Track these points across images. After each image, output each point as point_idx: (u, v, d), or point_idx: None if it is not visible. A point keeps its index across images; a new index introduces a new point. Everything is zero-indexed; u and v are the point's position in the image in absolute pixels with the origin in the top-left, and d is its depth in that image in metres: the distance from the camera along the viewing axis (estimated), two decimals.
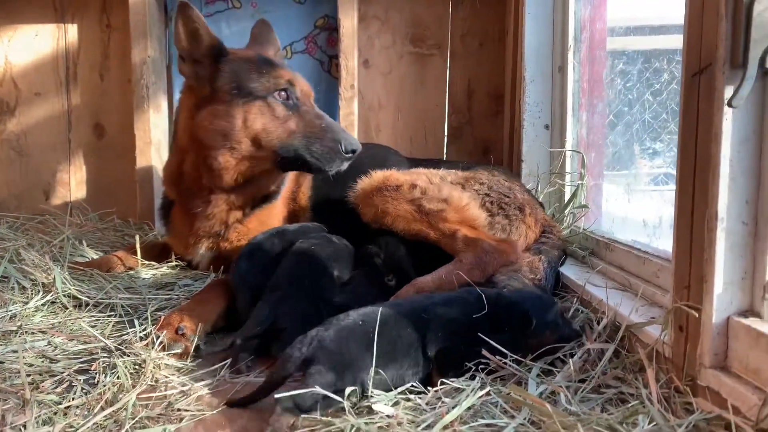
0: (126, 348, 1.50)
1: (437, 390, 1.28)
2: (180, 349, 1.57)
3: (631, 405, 1.07)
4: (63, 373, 1.38)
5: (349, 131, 3.12)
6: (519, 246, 1.92)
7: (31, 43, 3.43)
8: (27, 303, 1.82)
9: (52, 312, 1.82)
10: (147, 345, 1.53)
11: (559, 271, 1.99)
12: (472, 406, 1.19)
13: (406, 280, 1.81)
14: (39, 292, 1.90)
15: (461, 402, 1.15)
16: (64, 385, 1.33)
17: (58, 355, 1.49)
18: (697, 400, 1.04)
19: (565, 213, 2.44)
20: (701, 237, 1.07)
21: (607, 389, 1.25)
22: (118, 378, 1.35)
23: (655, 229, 1.80)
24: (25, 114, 3.46)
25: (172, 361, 1.51)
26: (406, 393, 1.27)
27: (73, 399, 1.26)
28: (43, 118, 3.46)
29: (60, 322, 1.72)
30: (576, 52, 2.57)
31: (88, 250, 2.57)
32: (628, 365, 1.31)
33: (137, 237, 2.49)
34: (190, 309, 1.70)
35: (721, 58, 1.01)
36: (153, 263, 2.43)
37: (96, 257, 2.48)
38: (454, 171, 2.24)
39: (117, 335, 1.64)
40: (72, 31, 3.43)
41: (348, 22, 3.10)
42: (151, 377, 1.38)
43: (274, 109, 2.12)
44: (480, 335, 1.32)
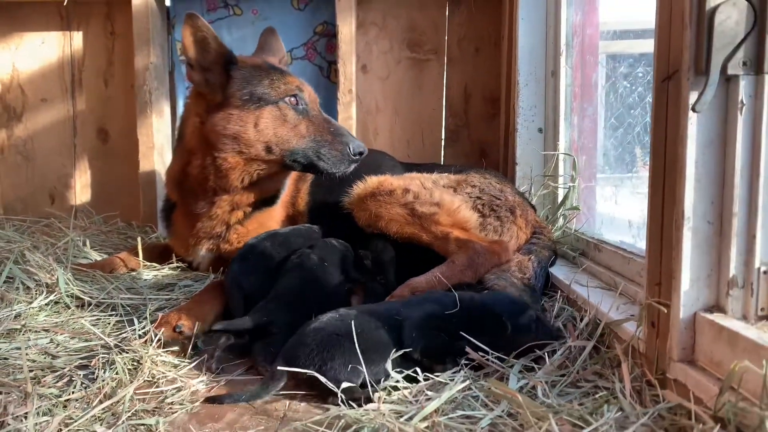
0: (125, 345, 1.56)
1: (422, 384, 1.33)
2: (177, 347, 1.62)
3: (598, 395, 1.11)
4: (64, 368, 1.44)
5: None
6: (510, 247, 1.97)
7: (38, 51, 3.51)
8: (31, 303, 1.88)
9: (55, 311, 1.88)
10: (145, 342, 1.59)
11: (549, 271, 2.04)
12: (454, 399, 1.24)
13: (388, 284, 1.87)
14: (43, 292, 1.96)
15: (442, 395, 1.20)
16: (65, 380, 1.39)
17: (59, 351, 1.55)
18: (665, 392, 1.09)
19: (557, 215, 2.49)
20: (671, 236, 1.12)
21: (586, 383, 1.29)
22: (117, 373, 1.40)
23: (639, 230, 1.85)
24: (31, 119, 3.54)
25: (169, 358, 1.57)
26: (388, 388, 1.32)
27: (73, 393, 1.32)
28: (49, 123, 3.54)
29: (63, 321, 1.78)
30: (568, 57, 2.62)
31: (91, 252, 2.63)
32: (607, 361, 1.35)
33: (139, 239, 2.55)
34: (189, 308, 1.76)
35: (686, 64, 1.06)
36: (154, 264, 2.50)
37: (99, 259, 2.55)
38: (446, 174, 2.30)
39: (117, 333, 1.70)
40: (77, 38, 3.51)
41: (346, 29, 3.16)
42: (148, 373, 1.44)
43: (285, 114, 2.21)
44: (460, 333, 1.37)
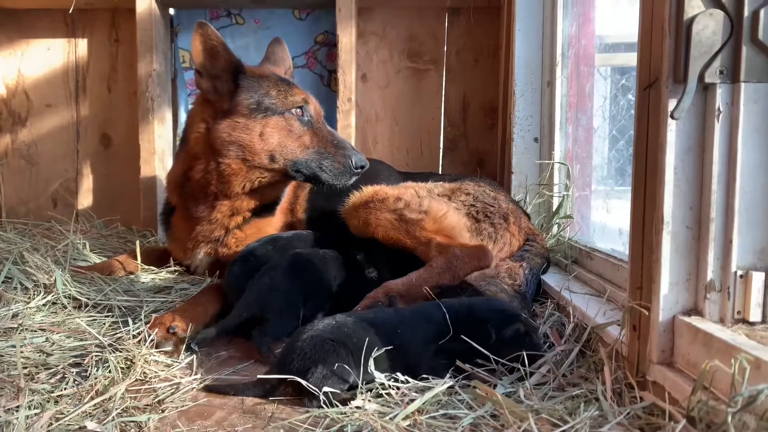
0: (118, 345, 1.59)
1: (409, 386, 1.35)
2: (171, 348, 1.65)
3: (575, 394, 1.13)
4: (57, 366, 1.47)
5: None
6: (492, 251, 1.99)
7: (43, 57, 3.57)
8: (29, 303, 1.91)
9: (52, 312, 1.91)
10: (139, 342, 1.61)
11: (541, 278, 2.06)
12: (440, 401, 1.26)
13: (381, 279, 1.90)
14: (40, 292, 1.99)
15: (425, 395, 1.22)
16: (58, 377, 1.42)
17: (54, 350, 1.58)
18: (643, 394, 1.11)
19: (552, 223, 2.51)
20: (651, 240, 1.14)
21: (571, 387, 1.31)
22: (110, 372, 1.43)
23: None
24: (36, 124, 3.59)
25: (162, 358, 1.59)
26: (377, 389, 1.34)
27: (65, 389, 1.34)
28: (53, 128, 3.59)
29: (59, 321, 1.81)
30: (564, 67, 2.65)
31: (90, 255, 2.67)
32: (592, 364, 1.37)
33: (138, 242, 2.58)
34: (183, 310, 1.79)
35: (665, 73, 1.09)
36: (153, 268, 2.52)
37: (98, 262, 2.58)
38: (441, 183, 2.33)
39: (112, 334, 1.73)
40: (82, 45, 3.57)
41: (346, 38, 3.21)
42: (140, 372, 1.46)
43: (291, 124, 2.26)
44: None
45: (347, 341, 1.34)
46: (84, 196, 3.60)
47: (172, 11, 3.50)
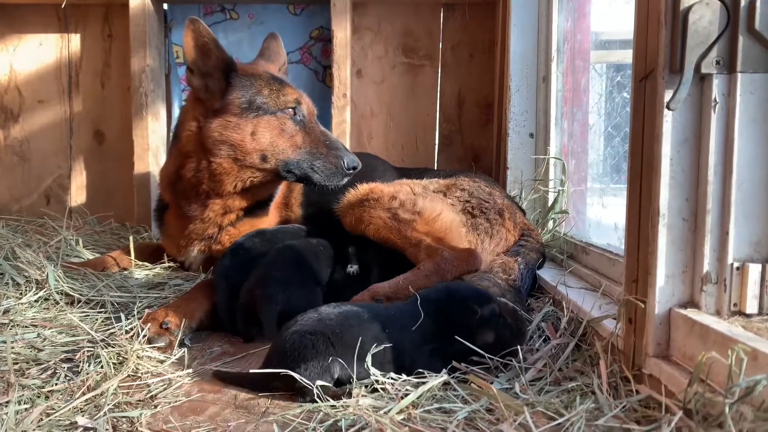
0: (111, 340, 1.57)
1: (404, 380, 1.34)
2: (164, 343, 1.63)
3: (570, 388, 1.12)
4: (49, 361, 1.45)
5: (341, 139, 3.21)
6: (488, 247, 1.99)
7: (36, 52, 3.54)
8: (20, 299, 1.89)
9: (44, 308, 1.89)
10: (131, 338, 1.60)
11: (537, 273, 2.05)
12: (435, 396, 1.25)
13: (372, 276, 1.90)
14: (32, 288, 1.97)
15: (419, 389, 1.21)
16: (49, 372, 1.40)
17: (45, 345, 1.56)
18: (639, 387, 1.10)
19: (547, 218, 2.50)
20: (647, 233, 1.14)
21: (567, 381, 1.30)
22: (102, 367, 1.41)
23: None
24: (28, 120, 3.56)
25: (155, 354, 1.57)
26: (373, 384, 1.33)
27: (56, 384, 1.32)
28: (46, 124, 3.56)
29: (51, 317, 1.79)
30: (559, 62, 2.64)
31: (83, 251, 2.65)
32: (588, 358, 1.36)
33: (131, 238, 2.56)
34: (177, 306, 1.78)
35: (662, 63, 1.08)
36: (146, 264, 2.51)
37: (91, 258, 2.56)
38: (436, 180, 2.32)
39: (104, 329, 1.71)
40: (75, 40, 3.54)
41: (341, 33, 3.19)
42: (133, 367, 1.45)
43: (282, 124, 2.23)
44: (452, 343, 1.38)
45: (330, 335, 1.33)
46: (77, 192, 3.57)
47: (165, 6, 3.48)
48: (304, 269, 1.82)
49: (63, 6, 3.38)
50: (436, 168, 3.37)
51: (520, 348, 1.42)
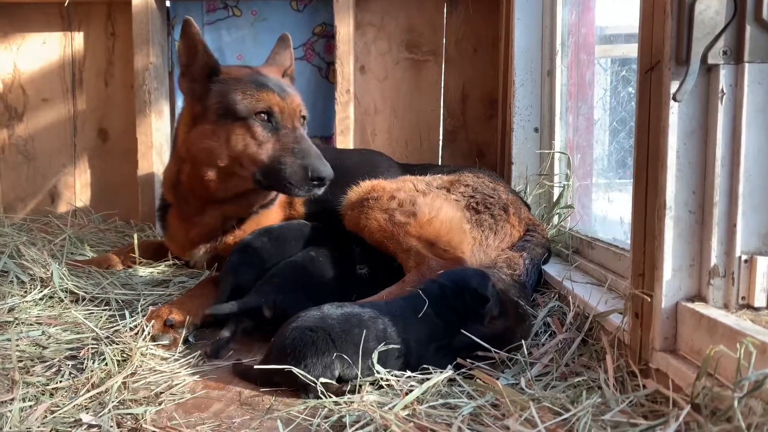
0: (115, 337, 1.57)
1: (410, 376, 1.33)
2: (168, 340, 1.63)
3: (576, 383, 1.11)
4: (53, 359, 1.45)
5: (344, 136, 3.20)
6: (493, 243, 1.98)
7: (39, 51, 3.54)
8: (25, 296, 1.89)
9: (49, 306, 1.90)
10: (136, 335, 1.60)
11: (542, 268, 2.04)
12: (440, 392, 1.25)
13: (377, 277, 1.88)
14: (37, 286, 1.97)
15: (423, 385, 1.20)
16: (53, 370, 1.40)
17: (50, 343, 1.56)
18: (646, 381, 1.09)
19: (552, 213, 2.49)
20: (653, 226, 1.12)
21: (575, 376, 1.30)
22: (106, 365, 1.41)
23: None
24: (32, 119, 3.57)
25: (159, 351, 1.57)
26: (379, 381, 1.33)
27: (61, 382, 1.33)
28: (50, 123, 3.56)
29: (56, 315, 1.79)
30: (564, 56, 2.63)
31: (88, 250, 2.65)
32: (594, 353, 1.35)
33: (135, 236, 2.56)
34: (181, 303, 1.77)
35: (668, 54, 1.06)
36: (151, 261, 2.51)
37: (95, 256, 2.56)
38: (439, 176, 2.30)
39: (109, 327, 1.71)
40: (78, 38, 3.54)
41: (344, 29, 3.18)
42: (137, 364, 1.45)
43: (254, 131, 2.14)
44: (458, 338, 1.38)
45: (331, 332, 1.32)
46: (82, 191, 3.58)
47: (168, 3, 3.47)
48: (304, 283, 1.83)
49: (66, 4, 3.38)
50: (440, 164, 3.35)
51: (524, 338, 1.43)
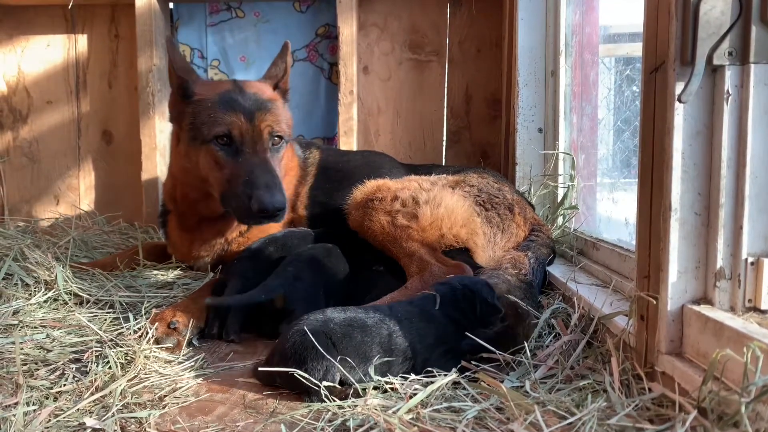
0: (119, 340, 1.57)
1: (414, 380, 1.32)
2: (172, 343, 1.63)
3: (582, 386, 1.11)
4: (57, 362, 1.45)
5: (348, 136, 3.20)
6: (499, 242, 1.97)
7: (43, 53, 3.55)
8: (29, 299, 1.90)
9: (53, 308, 1.90)
10: (140, 338, 1.59)
11: (547, 269, 2.03)
12: (444, 395, 1.24)
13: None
14: (41, 289, 1.98)
15: (427, 388, 1.20)
16: (57, 373, 1.40)
17: (54, 346, 1.56)
18: (652, 385, 1.08)
19: (557, 214, 2.48)
20: (659, 228, 1.11)
21: (580, 379, 1.29)
22: (110, 368, 1.41)
23: None
24: (36, 121, 3.57)
25: (163, 354, 1.57)
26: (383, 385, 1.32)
27: (65, 385, 1.32)
28: (54, 125, 3.57)
29: (60, 318, 1.79)
30: (567, 56, 2.62)
31: (92, 252, 2.65)
32: (599, 356, 1.35)
33: (140, 238, 2.56)
34: (185, 305, 1.77)
35: (672, 55, 1.06)
36: (155, 264, 2.51)
37: (100, 258, 2.56)
38: (444, 176, 2.30)
39: (112, 329, 1.71)
40: (82, 41, 3.54)
41: (347, 30, 3.18)
42: (141, 368, 1.45)
43: (215, 155, 2.08)
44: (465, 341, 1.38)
45: (333, 336, 1.32)
46: (86, 193, 3.58)
47: (171, 5, 3.47)
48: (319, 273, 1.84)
49: (70, 7, 3.39)
50: (444, 165, 3.34)
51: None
